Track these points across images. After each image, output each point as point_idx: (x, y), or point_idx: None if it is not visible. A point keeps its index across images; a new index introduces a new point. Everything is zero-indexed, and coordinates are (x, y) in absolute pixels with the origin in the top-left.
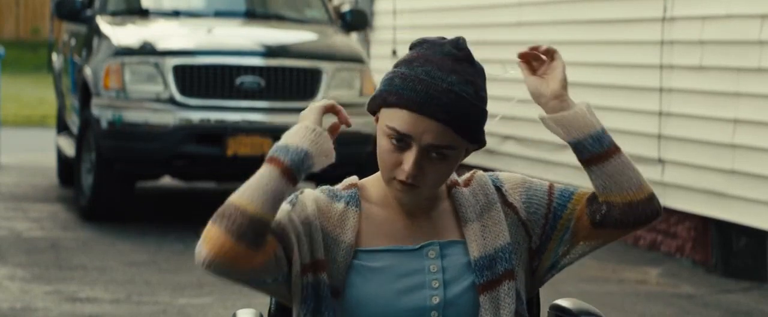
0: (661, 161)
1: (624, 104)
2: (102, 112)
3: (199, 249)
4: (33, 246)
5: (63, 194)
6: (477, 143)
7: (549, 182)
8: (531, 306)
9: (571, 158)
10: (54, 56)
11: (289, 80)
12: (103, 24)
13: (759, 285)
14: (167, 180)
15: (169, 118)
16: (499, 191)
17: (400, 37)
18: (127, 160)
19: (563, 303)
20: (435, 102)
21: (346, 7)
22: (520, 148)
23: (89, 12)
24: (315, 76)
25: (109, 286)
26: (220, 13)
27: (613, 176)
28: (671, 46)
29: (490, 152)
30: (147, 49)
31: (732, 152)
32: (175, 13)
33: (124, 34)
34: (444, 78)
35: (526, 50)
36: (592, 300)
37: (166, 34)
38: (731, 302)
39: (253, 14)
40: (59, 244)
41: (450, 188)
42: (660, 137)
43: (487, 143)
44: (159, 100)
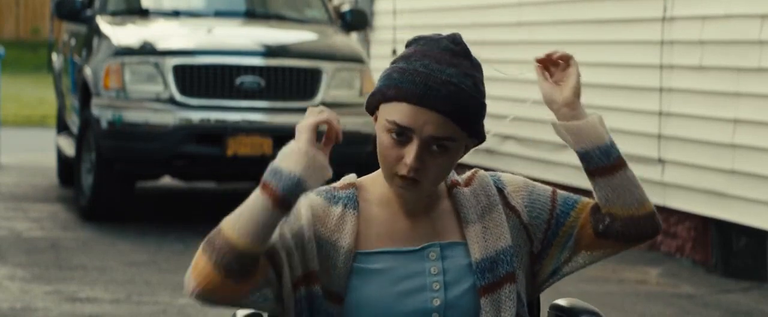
0: (661, 161)
1: (624, 103)
2: (102, 112)
3: (188, 279)
4: (33, 246)
5: (63, 194)
6: (476, 138)
7: (552, 188)
8: (531, 309)
9: (571, 158)
10: (54, 56)
11: (289, 80)
12: (103, 24)
13: (759, 285)
14: (167, 180)
15: (169, 118)
16: (501, 192)
17: (400, 37)
18: (127, 160)
19: (563, 302)
20: (434, 93)
21: (346, 7)
22: (520, 148)
23: (89, 12)
24: (315, 76)
25: (109, 286)
26: (220, 13)
27: (617, 190)
28: (671, 46)
29: (490, 152)
30: (147, 49)
31: (732, 152)
32: (175, 13)
33: (124, 34)
34: (443, 70)
35: (543, 56)
36: (592, 300)
37: (166, 34)
38: (731, 302)
39: (253, 14)
40: (59, 244)
41: (450, 188)
42: (660, 137)
43: (487, 144)
44: (159, 100)
